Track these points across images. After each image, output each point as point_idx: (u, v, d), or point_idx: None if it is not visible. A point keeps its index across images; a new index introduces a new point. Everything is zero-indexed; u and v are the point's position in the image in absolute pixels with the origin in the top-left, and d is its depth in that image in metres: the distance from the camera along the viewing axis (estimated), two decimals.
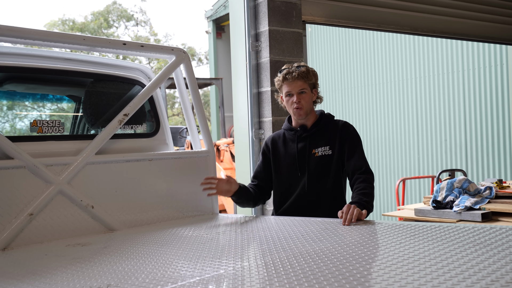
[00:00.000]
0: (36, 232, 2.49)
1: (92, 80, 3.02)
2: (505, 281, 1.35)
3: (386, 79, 8.91)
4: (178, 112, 27.25)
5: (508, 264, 1.53)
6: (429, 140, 8.29)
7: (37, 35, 2.58)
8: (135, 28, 31.97)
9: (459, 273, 1.45)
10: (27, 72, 2.87)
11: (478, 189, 4.10)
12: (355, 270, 1.56)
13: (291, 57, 4.22)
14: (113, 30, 28.85)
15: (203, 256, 1.96)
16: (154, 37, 29.13)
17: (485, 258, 1.62)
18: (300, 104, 2.84)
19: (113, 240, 2.50)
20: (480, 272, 1.45)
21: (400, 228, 2.24)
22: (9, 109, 3.18)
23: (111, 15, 28.79)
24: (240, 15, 4.31)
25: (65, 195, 2.59)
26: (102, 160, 2.75)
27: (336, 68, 9.94)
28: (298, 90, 2.84)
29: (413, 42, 8.39)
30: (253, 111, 4.22)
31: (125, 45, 2.88)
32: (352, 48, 9.58)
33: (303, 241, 2.10)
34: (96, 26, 27.54)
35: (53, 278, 1.76)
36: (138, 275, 1.72)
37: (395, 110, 8.79)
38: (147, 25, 31.60)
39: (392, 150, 8.85)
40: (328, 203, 2.86)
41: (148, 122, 3.16)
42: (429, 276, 1.45)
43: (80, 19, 28.03)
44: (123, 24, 29.21)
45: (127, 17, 29.32)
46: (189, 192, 3.10)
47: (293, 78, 2.83)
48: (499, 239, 1.88)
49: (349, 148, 2.83)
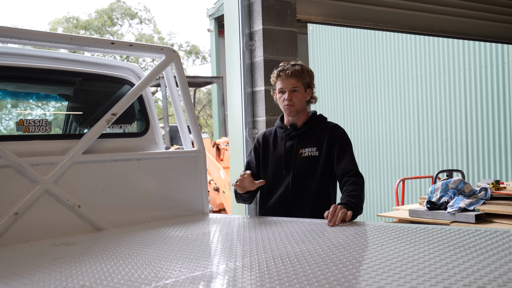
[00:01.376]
0: (21, 232, 2.48)
1: (80, 79, 3.01)
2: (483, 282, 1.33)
3: (387, 78, 8.88)
4: (183, 110, 27.27)
5: (489, 266, 1.51)
6: (429, 140, 8.25)
7: (23, 34, 2.57)
8: (139, 26, 31.98)
9: (439, 274, 1.44)
10: (18, 72, 2.86)
11: (474, 190, 4.07)
12: (337, 271, 1.55)
13: (286, 56, 4.20)
14: (117, 28, 28.86)
15: (183, 257, 1.95)
16: (158, 35, 29.14)
17: (466, 260, 1.60)
18: (291, 101, 2.85)
19: (99, 240, 2.49)
20: (467, 277, 1.43)
21: (385, 230, 2.22)
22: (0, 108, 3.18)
23: (115, 13, 28.81)
24: (234, 14, 4.29)
25: (51, 194, 2.58)
26: (90, 160, 2.74)
27: (337, 67, 9.91)
28: (290, 88, 2.85)
29: (414, 42, 8.34)
30: (247, 111, 4.21)
31: (113, 44, 2.86)
32: (354, 47, 9.55)
33: (287, 242, 2.08)
34: (100, 24, 27.58)
35: (30, 278, 1.76)
36: (115, 276, 1.71)
37: (395, 109, 8.76)
38: (151, 23, 31.57)
39: (393, 150, 8.81)
40: (312, 204, 2.85)
41: (138, 122, 3.15)
42: (409, 277, 1.43)
43: (84, 17, 28.05)
44: (127, 22, 29.22)
45: (131, 15, 29.32)
46: (179, 192, 3.09)
47: (286, 76, 2.84)
48: (482, 242, 1.86)
49: (339, 151, 2.82)
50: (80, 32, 26.77)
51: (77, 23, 27.24)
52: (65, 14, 33.81)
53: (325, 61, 10.22)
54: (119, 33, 28.69)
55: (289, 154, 2.90)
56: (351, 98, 9.57)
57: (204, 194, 3.23)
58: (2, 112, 3.17)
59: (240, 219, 2.86)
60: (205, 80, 10.68)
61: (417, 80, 8.39)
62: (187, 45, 28.47)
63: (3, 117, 3.13)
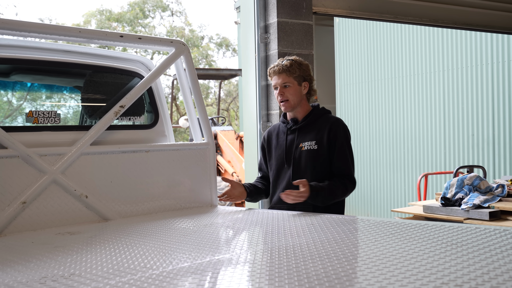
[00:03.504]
0: (29, 220, 2.55)
1: (91, 71, 3.06)
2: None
3: (413, 72, 8.73)
4: (212, 102, 27.43)
5: (476, 263, 1.48)
6: (455, 135, 8.09)
7: (33, 27, 2.63)
8: (170, 19, 32.18)
9: (430, 271, 1.42)
10: (32, 64, 2.93)
11: (490, 187, 3.98)
12: (331, 266, 1.54)
13: (300, 49, 4.18)
14: (148, 21, 29.14)
15: (178, 248, 1.97)
16: (188, 27, 29.30)
17: (461, 258, 1.57)
18: (284, 97, 2.88)
19: (103, 230, 2.54)
20: (455, 273, 1.42)
21: (383, 226, 2.20)
22: (15, 99, 3.26)
23: (147, 5, 29.07)
24: (250, 6, 4.29)
25: (59, 184, 2.64)
26: (97, 151, 2.79)
27: (363, 60, 9.80)
28: (281, 84, 2.88)
29: (441, 35, 8.18)
30: (261, 103, 4.21)
31: (122, 37, 2.90)
32: (380, 40, 9.42)
33: (282, 236, 2.09)
34: (132, 16, 27.88)
35: (25, 265, 1.81)
36: (106, 265, 1.74)
37: (421, 103, 8.61)
38: (182, 16, 31.74)
39: (417, 144, 8.68)
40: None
41: (147, 114, 3.19)
42: (397, 271, 1.42)
43: (117, 10, 28.43)
44: (159, 15, 29.47)
45: (163, 7, 29.54)
46: (187, 183, 3.12)
47: (275, 73, 2.89)
48: (478, 239, 1.83)
49: (339, 150, 2.85)
50: (112, 24, 27.15)
51: (110, 16, 27.62)
52: (99, 7, 34.28)
53: (351, 54, 10.11)
54: (150, 25, 28.95)
55: (290, 148, 2.93)
56: (377, 92, 9.45)
57: (213, 186, 3.25)
58: (16, 103, 3.25)
59: (246, 212, 2.87)
60: (230, 72, 10.70)
61: (444, 73, 8.22)
62: (217, 38, 28.54)
63: (18, 108, 3.21)
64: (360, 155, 9.86)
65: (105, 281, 1.53)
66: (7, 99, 3.32)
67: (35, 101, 3.38)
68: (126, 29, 26.85)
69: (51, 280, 1.57)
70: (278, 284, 1.40)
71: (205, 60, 28.06)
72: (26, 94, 3.28)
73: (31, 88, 3.27)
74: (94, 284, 1.51)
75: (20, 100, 3.29)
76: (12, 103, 3.32)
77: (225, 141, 9.19)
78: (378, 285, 1.34)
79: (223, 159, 9.24)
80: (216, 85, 24.72)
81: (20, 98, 3.29)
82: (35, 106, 3.34)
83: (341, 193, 2.82)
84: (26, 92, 3.27)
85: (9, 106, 3.25)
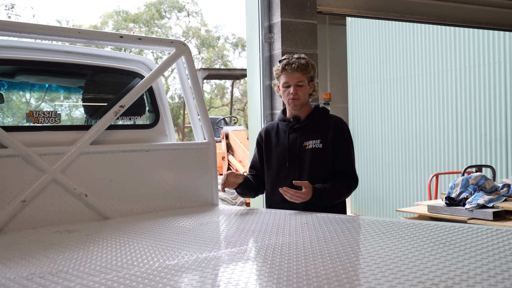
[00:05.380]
0: (29, 218, 2.59)
1: (92, 72, 3.10)
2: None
3: (426, 71, 8.66)
4: (228, 102, 27.49)
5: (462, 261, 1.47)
6: (467, 134, 8.01)
7: (34, 29, 2.68)
8: (186, 19, 32.35)
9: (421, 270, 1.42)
10: (37, 65, 2.98)
11: (495, 187, 3.93)
12: (331, 265, 1.55)
13: (305, 49, 4.18)
14: (165, 21, 29.33)
15: (170, 246, 1.99)
16: (204, 28, 29.41)
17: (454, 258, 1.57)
18: (296, 95, 2.87)
19: (101, 228, 2.57)
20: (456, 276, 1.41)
21: (379, 225, 2.20)
22: (20, 99, 3.32)
23: (163, 6, 29.26)
24: (254, 6, 4.30)
25: (58, 183, 2.68)
26: (97, 150, 2.83)
27: (375, 59, 9.74)
28: (295, 82, 2.86)
29: (453, 34, 8.10)
30: (266, 103, 4.21)
31: (122, 38, 2.93)
32: (392, 39, 9.36)
33: (277, 234, 2.10)
34: (148, 17, 28.09)
35: (17, 262, 1.84)
36: (95, 262, 1.77)
37: (433, 102, 8.54)
38: (198, 16, 31.90)
39: (429, 144, 8.61)
40: None
41: (147, 113, 3.22)
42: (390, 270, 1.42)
43: (134, 10, 28.67)
44: (175, 15, 29.63)
45: (179, 8, 29.70)
46: (188, 183, 3.14)
47: (292, 70, 2.86)
48: (468, 239, 1.82)
49: (342, 149, 2.87)
50: (129, 25, 27.38)
51: (127, 17, 27.87)
52: (116, 8, 34.63)
53: (363, 53, 10.07)
54: (167, 26, 29.14)
55: (293, 147, 2.91)
56: (389, 91, 9.40)
57: (214, 186, 3.27)
58: (20, 103, 3.31)
59: (246, 211, 2.88)
60: (242, 72, 10.72)
61: (456, 73, 8.14)
62: (233, 38, 28.63)
63: (19, 109, 3.26)
64: (372, 154, 9.81)
65: (90, 278, 1.55)
66: (13, 99, 3.38)
67: (40, 101, 3.43)
68: (143, 29, 27.08)
69: (38, 276, 1.60)
70: (277, 281, 1.41)
71: (220, 60, 28.18)
72: (31, 94, 3.33)
73: (36, 88, 3.32)
74: (79, 280, 1.53)
75: (25, 100, 3.34)
76: (18, 103, 3.37)
77: (237, 140, 9.23)
78: (375, 282, 1.34)
79: (235, 158, 9.27)
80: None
81: (25, 98, 3.34)
82: (41, 106, 3.39)
83: (345, 192, 2.83)
84: (31, 92, 3.32)
85: (14, 106, 3.30)
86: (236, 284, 1.40)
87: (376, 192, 9.73)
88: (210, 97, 28.56)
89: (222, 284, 1.44)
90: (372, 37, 9.80)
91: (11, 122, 3.19)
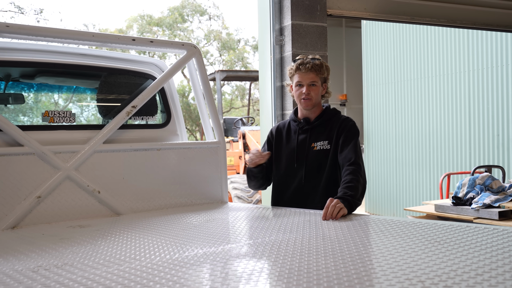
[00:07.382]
0: (44, 213, 2.71)
1: (106, 73, 3.21)
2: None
3: (439, 73, 8.64)
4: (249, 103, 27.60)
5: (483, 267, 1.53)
6: (480, 135, 7.97)
7: (49, 32, 2.80)
8: (208, 22, 32.55)
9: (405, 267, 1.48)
10: (56, 67, 3.10)
11: (502, 187, 3.95)
12: (333, 263, 1.62)
13: (315, 51, 4.24)
14: (187, 25, 29.54)
15: (175, 242, 2.07)
16: (225, 31, 29.57)
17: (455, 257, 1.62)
18: (309, 95, 2.88)
19: (112, 224, 2.67)
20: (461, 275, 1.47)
21: (386, 224, 2.25)
22: (39, 100, 3.45)
23: (185, 10, 29.48)
24: (266, 9, 4.38)
25: (72, 180, 2.80)
26: (110, 149, 2.94)
27: (390, 61, 9.75)
28: (309, 82, 2.88)
29: (466, 35, 8.07)
30: (277, 104, 4.29)
31: (134, 41, 3.04)
32: (406, 40, 9.35)
33: (277, 232, 2.17)
34: (171, 20, 28.35)
35: (28, 255, 1.94)
36: (98, 256, 1.86)
37: (447, 103, 8.52)
38: (220, 19, 32.09)
39: (443, 144, 8.59)
40: (324, 196, 2.89)
41: (159, 114, 3.32)
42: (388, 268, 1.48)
43: (157, 14, 28.95)
44: (197, 19, 29.84)
45: (201, 12, 29.90)
46: (198, 181, 3.23)
47: (306, 70, 2.86)
48: (464, 238, 1.87)
49: (343, 141, 2.84)
50: (153, 28, 27.66)
51: (150, 20, 28.17)
52: (140, 12, 35.00)
53: (377, 54, 10.08)
54: (189, 29, 29.35)
55: (302, 148, 2.95)
56: (403, 92, 9.40)
57: (223, 184, 3.36)
58: (38, 104, 3.44)
59: (255, 209, 2.96)
60: (257, 74, 10.81)
61: (470, 74, 8.10)
62: (253, 40, 28.74)
63: (38, 109, 3.39)
64: (386, 154, 9.83)
65: (92, 271, 1.64)
66: (33, 99, 3.51)
67: (58, 101, 3.56)
68: (166, 33, 27.35)
69: (44, 269, 1.69)
70: (277, 279, 1.48)
71: (241, 62, 28.32)
72: (49, 95, 3.47)
73: (54, 89, 3.45)
74: (81, 273, 1.61)
75: (44, 100, 3.47)
76: (37, 103, 3.51)
77: (253, 140, 9.33)
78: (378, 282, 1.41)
79: None
80: (252, 87, 24.91)
81: (45, 98, 3.48)
82: (58, 106, 3.52)
83: (359, 182, 2.70)
84: (49, 93, 3.45)
85: (34, 106, 3.44)
86: (240, 276, 1.47)
87: (390, 192, 9.75)
88: (231, 98, 28.72)
89: (218, 279, 1.52)
90: (386, 39, 9.81)
91: (29, 121, 3.32)
